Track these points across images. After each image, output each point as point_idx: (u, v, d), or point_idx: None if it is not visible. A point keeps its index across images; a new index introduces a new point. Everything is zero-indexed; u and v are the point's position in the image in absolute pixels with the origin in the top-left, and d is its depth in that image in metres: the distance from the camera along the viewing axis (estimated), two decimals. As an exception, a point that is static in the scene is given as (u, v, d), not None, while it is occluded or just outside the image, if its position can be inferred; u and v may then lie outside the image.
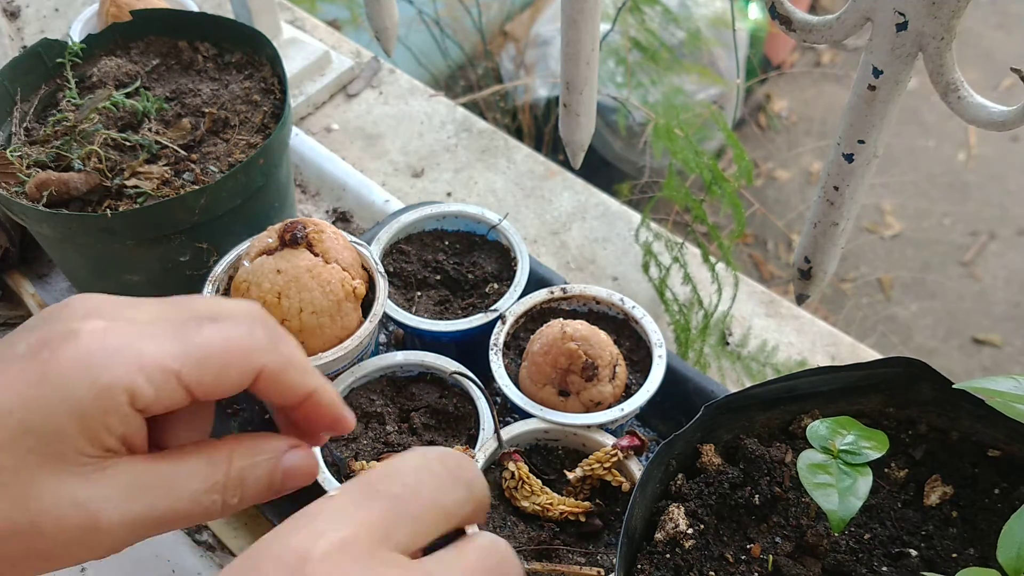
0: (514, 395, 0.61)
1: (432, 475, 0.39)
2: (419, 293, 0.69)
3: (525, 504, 0.57)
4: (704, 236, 0.83)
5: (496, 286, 0.69)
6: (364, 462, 0.57)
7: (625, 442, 0.58)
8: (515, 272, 0.68)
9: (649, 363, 0.63)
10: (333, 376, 0.62)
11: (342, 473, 0.58)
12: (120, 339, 0.39)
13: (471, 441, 0.60)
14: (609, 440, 0.59)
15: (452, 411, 0.62)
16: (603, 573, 0.54)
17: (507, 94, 1.95)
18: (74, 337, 0.38)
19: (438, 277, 0.70)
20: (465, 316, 0.66)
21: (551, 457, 0.61)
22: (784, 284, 2.10)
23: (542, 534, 0.56)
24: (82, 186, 0.66)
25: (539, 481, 0.58)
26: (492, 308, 0.66)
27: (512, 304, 0.66)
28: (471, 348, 0.67)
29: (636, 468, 0.58)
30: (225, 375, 0.40)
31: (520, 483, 0.57)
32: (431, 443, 0.60)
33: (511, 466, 0.57)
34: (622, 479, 0.58)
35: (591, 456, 0.58)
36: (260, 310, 0.43)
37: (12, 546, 0.37)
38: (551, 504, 0.56)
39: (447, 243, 0.72)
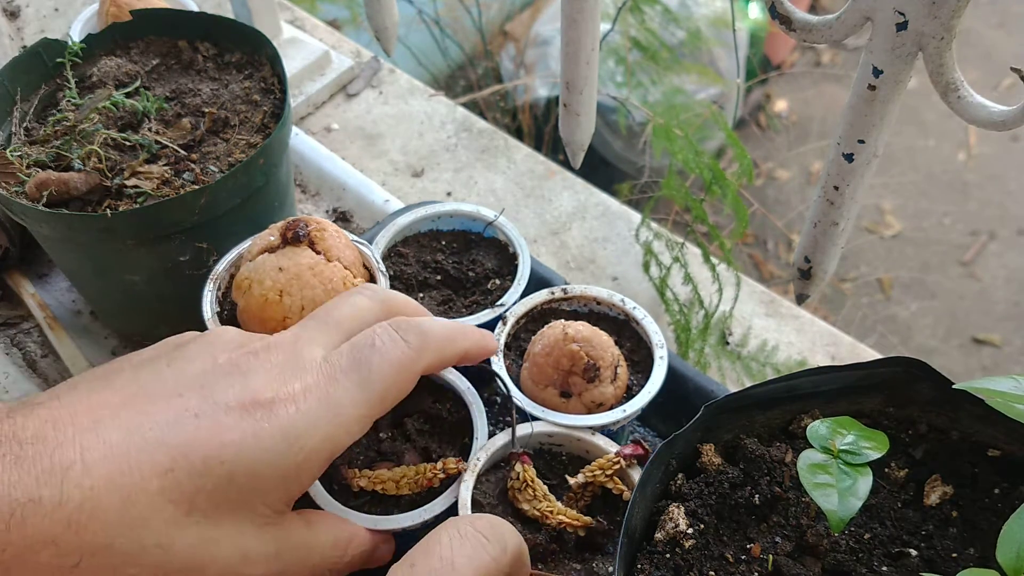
0: (516, 396, 0.61)
1: (464, 540, 0.44)
2: (421, 295, 0.69)
3: (526, 507, 0.57)
4: (704, 236, 0.83)
5: (498, 282, 0.69)
6: (356, 470, 0.57)
7: (628, 451, 0.58)
8: (516, 266, 0.68)
9: (650, 364, 0.63)
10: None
11: (334, 480, 0.57)
12: (320, 399, 0.44)
13: (464, 451, 0.59)
14: (613, 448, 0.59)
15: (446, 416, 0.61)
16: None
17: (507, 94, 1.95)
18: (284, 403, 0.43)
19: (439, 277, 0.70)
20: (470, 314, 0.66)
21: (554, 463, 0.61)
22: (784, 284, 2.10)
23: (539, 537, 0.56)
24: (82, 186, 0.66)
25: (544, 487, 0.58)
26: (499, 303, 0.66)
27: (514, 303, 0.66)
28: None
29: (638, 477, 0.57)
30: (399, 397, 0.48)
31: (524, 485, 0.57)
32: (425, 449, 0.60)
33: (518, 467, 0.57)
34: (623, 487, 0.57)
35: (593, 463, 0.58)
36: (401, 320, 0.50)
37: None
38: (551, 512, 0.56)
39: (444, 243, 0.72)
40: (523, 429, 0.60)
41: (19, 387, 0.73)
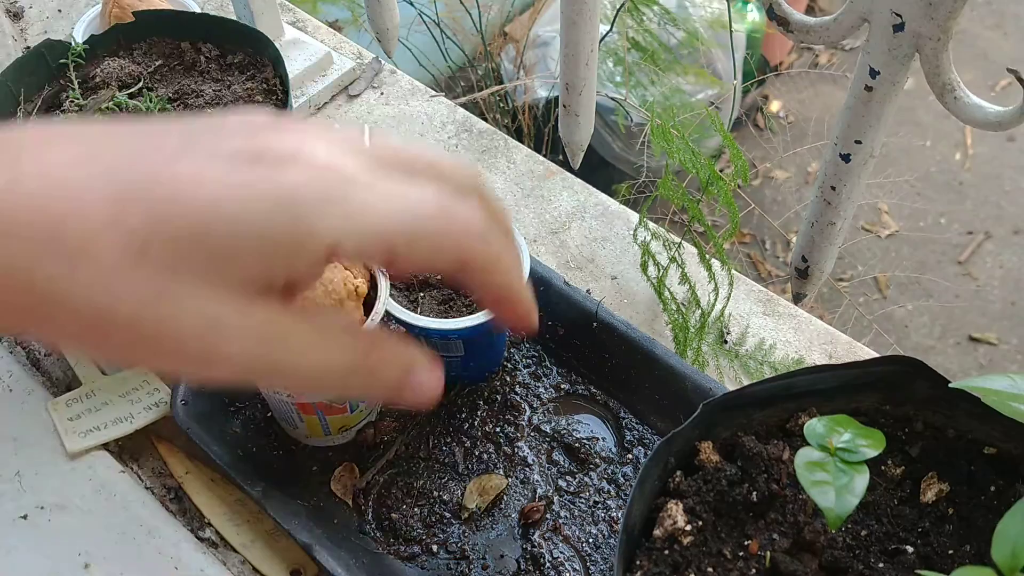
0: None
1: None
2: (422, 294, 0.69)
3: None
4: (701, 235, 0.83)
5: None
6: None
7: None
8: None
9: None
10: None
11: None
12: (341, 183, 0.34)
13: None
14: None
15: None
16: None
17: (507, 95, 1.95)
18: (294, 165, 0.33)
19: (439, 277, 0.70)
20: (470, 313, 0.67)
21: None
22: (782, 283, 2.10)
23: None
24: (85, 186, 0.66)
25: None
26: None
27: None
28: (480, 344, 0.68)
29: None
30: (432, 259, 0.36)
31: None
32: None
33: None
34: None
35: None
36: (481, 179, 0.38)
37: (121, 336, 0.32)
38: None
39: None
40: None
41: (22, 385, 0.73)
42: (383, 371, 0.37)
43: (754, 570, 0.46)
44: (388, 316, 0.67)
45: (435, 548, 0.65)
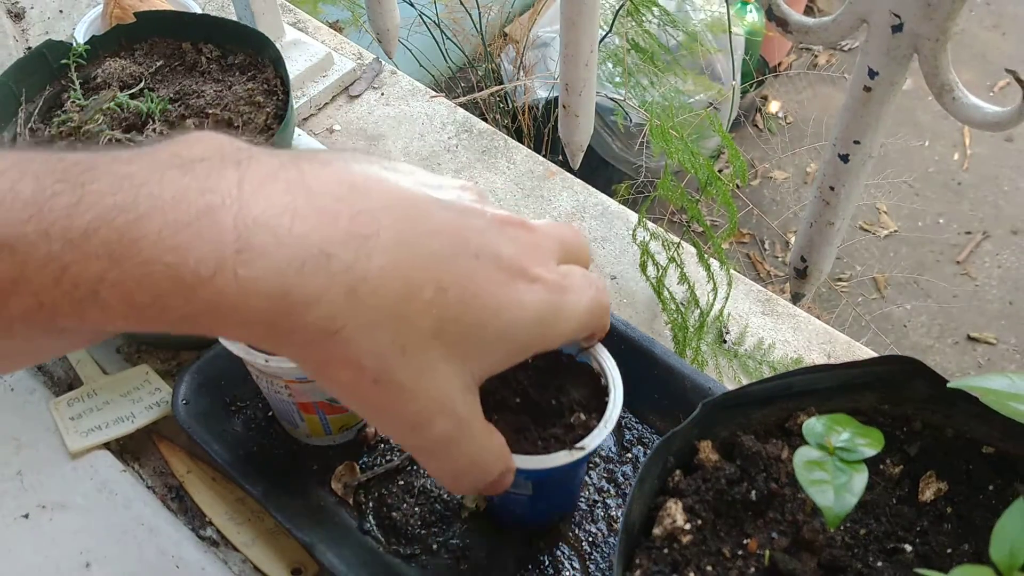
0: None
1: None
2: (496, 416, 0.58)
3: None
4: (700, 235, 0.83)
5: (583, 417, 0.58)
6: None
7: None
8: (606, 403, 0.57)
9: None
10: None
11: None
12: (562, 298, 0.44)
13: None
14: None
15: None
16: None
17: (507, 95, 1.95)
18: (544, 287, 0.43)
19: (518, 400, 0.59)
20: (545, 451, 0.56)
21: None
22: (781, 283, 2.11)
23: None
24: (87, 186, 0.66)
25: None
26: (578, 446, 0.55)
27: (596, 448, 0.56)
28: (551, 486, 0.62)
29: None
30: (596, 333, 0.53)
31: None
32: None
33: None
34: None
35: None
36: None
37: (371, 395, 0.39)
38: None
39: (530, 360, 0.59)
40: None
41: (24, 384, 0.74)
42: (499, 473, 0.48)
43: (753, 568, 0.47)
44: None
45: (435, 547, 0.65)
